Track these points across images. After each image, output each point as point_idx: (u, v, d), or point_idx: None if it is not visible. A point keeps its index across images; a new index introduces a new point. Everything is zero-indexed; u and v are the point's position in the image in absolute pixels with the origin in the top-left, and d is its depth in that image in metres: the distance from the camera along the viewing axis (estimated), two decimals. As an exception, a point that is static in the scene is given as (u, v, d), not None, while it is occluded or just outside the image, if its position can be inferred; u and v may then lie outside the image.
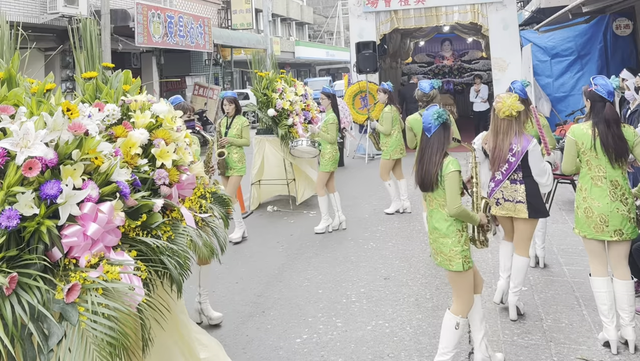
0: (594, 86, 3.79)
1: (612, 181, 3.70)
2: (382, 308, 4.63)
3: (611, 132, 3.66)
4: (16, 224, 2.11)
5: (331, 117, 7.14)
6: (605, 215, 3.68)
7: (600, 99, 3.76)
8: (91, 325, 2.12)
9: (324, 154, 7.12)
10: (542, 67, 12.43)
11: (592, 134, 3.73)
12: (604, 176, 3.71)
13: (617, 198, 3.68)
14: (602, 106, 3.74)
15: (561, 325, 4.11)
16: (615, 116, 3.73)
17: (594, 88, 3.79)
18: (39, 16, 12.06)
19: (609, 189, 3.69)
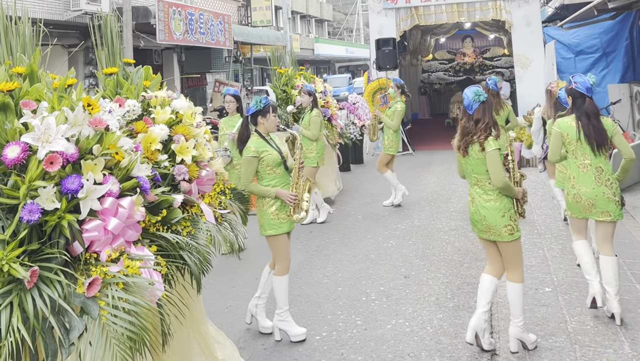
0: (574, 83, 4.16)
1: (596, 167, 4.06)
2: (402, 306, 4.58)
3: (592, 124, 4.04)
4: (38, 218, 2.12)
5: (315, 112, 7.13)
6: (592, 199, 4.05)
7: (580, 95, 4.12)
8: (112, 319, 2.13)
9: (310, 151, 7.11)
10: (566, 65, 12.20)
11: (577, 127, 4.09)
12: (589, 164, 4.07)
13: (602, 183, 4.04)
14: (582, 101, 4.11)
15: (586, 327, 4.02)
16: (595, 109, 4.09)
17: (574, 86, 4.15)
18: (62, 13, 12.20)
19: (594, 175, 4.06)
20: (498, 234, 3.66)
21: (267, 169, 4.08)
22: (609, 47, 11.92)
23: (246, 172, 4.05)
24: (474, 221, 3.81)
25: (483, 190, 3.70)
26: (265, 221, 4.09)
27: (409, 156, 12.53)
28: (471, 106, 3.70)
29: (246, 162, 4.05)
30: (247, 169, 4.05)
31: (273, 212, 4.07)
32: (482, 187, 3.70)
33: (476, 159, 3.66)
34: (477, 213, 3.73)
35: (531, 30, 12.29)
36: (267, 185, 4.08)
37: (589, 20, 12.26)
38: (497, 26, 15.47)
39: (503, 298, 4.56)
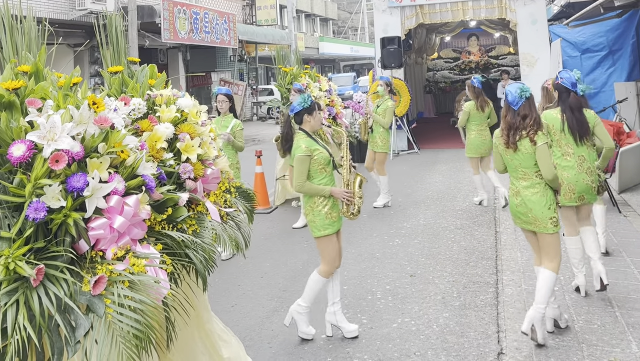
0: (560, 79, 4.44)
1: (579, 156, 4.41)
2: (408, 305, 4.57)
3: (575, 117, 4.35)
4: (43, 216, 2.11)
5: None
6: (573, 184, 4.41)
7: (565, 89, 4.40)
8: (117, 317, 2.12)
9: None
10: (572, 63, 12.13)
11: (561, 119, 4.39)
12: (572, 153, 4.42)
13: (582, 170, 4.41)
14: (567, 95, 4.38)
15: (593, 326, 4.00)
16: (578, 103, 4.38)
17: (560, 81, 4.43)
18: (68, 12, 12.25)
19: (576, 163, 4.42)
20: (544, 226, 3.79)
21: (319, 167, 4.01)
22: (615, 45, 11.85)
23: (300, 172, 3.94)
24: (517, 213, 3.91)
25: (530, 183, 3.82)
26: (319, 221, 4.00)
27: (415, 154, 12.50)
28: (516, 102, 3.80)
29: (299, 161, 3.95)
30: (301, 168, 3.94)
31: (327, 212, 4.00)
32: (529, 180, 3.82)
33: (526, 154, 3.78)
34: (522, 206, 3.84)
35: (537, 28, 12.23)
36: (318, 184, 4.01)
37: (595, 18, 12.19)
38: (503, 24, 15.41)
39: (509, 296, 4.55)
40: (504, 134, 3.87)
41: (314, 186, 3.97)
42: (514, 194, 3.92)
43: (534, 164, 3.77)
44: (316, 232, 4.03)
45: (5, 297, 2.04)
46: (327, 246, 4.04)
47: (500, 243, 5.94)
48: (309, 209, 4.04)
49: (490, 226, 6.64)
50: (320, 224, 4.00)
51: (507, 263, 5.30)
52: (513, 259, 5.40)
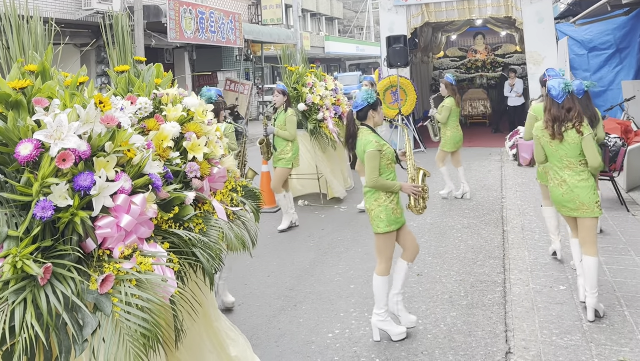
0: (547, 76, 4.92)
1: None
2: (415, 304, 4.55)
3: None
4: (50, 215, 2.12)
5: (290, 111, 6.96)
6: None
7: None
8: (125, 315, 2.13)
9: (286, 152, 6.95)
10: (579, 61, 12.08)
11: None
12: None
13: None
14: None
15: (602, 325, 3.97)
16: None
17: (548, 79, 4.80)
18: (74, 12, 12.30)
19: None
20: (591, 210, 4.05)
21: (387, 163, 3.98)
22: (623, 43, 11.77)
23: (373, 167, 3.89)
24: (563, 201, 4.13)
25: (575, 172, 4.07)
26: (386, 217, 3.95)
27: (421, 153, 12.46)
28: (561, 95, 4.04)
29: (372, 157, 3.90)
30: (374, 164, 3.90)
31: (394, 208, 3.98)
32: (574, 169, 4.07)
33: (572, 144, 4.02)
34: (569, 193, 4.08)
35: (543, 26, 12.16)
36: (386, 180, 3.97)
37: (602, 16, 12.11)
38: (509, 23, 15.33)
39: (517, 296, 4.52)
40: (549, 126, 4.09)
41: (387, 182, 3.94)
42: (559, 184, 4.13)
43: (579, 153, 4.02)
44: (382, 228, 3.95)
45: (13, 295, 2.04)
46: (387, 243, 4.01)
47: (507, 241, 5.91)
48: (374, 205, 3.98)
49: (498, 225, 6.61)
50: (387, 220, 3.94)
51: (515, 261, 5.27)
52: (520, 258, 5.37)
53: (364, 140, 3.99)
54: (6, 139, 2.22)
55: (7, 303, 2.04)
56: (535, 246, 5.63)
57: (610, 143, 6.97)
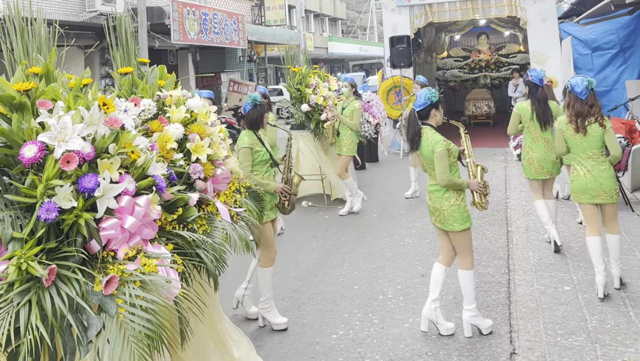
0: (530, 76, 5.54)
1: (544, 139, 5.45)
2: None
3: (541, 108, 5.43)
4: (55, 216, 2.13)
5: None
6: (542, 162, 5.44)
7: (534, 85, 5.50)
8: (129, 317, 2.13)
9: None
10: (583, 61, 12.03)
11: (531, 109, 5.47)
12: (539, 136, 5.47)
13: (548, 150, 5.40)
14: (536, 90, 5.48)
15: (607, 326, 3.95)
16: (545, 96, 5.50)
17: (530, 78, 5.53)
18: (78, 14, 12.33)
19: (543, 144, 5.46)
20: (611, 196, 4.42)
21: (454, 161, 4.01)
22: (627, 42, 11.72)
23: (444, 166, 3.92)
24: (587, 190, 4.44)
25: (597, 162, 4.43)
26: (459, 215, 3.98)
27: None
28: (584, 92, 4.39)
29: (442, 156, 3.92)
30: (444, 163, 3.92)
31: (464, 205, 4.02)
32: (597, 159, 4.43)
33: (595, 137, 4.39)
34: (593, 182, 4.42)
35: (547, 26, 12.13)
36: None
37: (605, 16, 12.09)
38: (513, 22, 15.30)
39: (522, 296, 4.51)
40: (573, 121, 4.44)
41: (457, 180, 3.96)
42: (584, 174, 4.46)
43: (601, 145, 4.40)
44: (458, 226, 3.97)
45: (18, 297, 2.05)
46: (467, 238, 4.05)
47: (512, 242, 5.89)
48: (445, 205, 3.99)
49: (502, 226, 6.59)
50: (461, 218, 3.98)
51: (519, 262, 5.26)
52: (525, 258, 5.35)
53: (431, 140, 3.99)
54: (10, 142, 2.23)
55: (12, 304, 2.04)
56: (540, 247, 5.62)
57: (615, 143, 6.95)
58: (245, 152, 4.32)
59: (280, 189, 4.41)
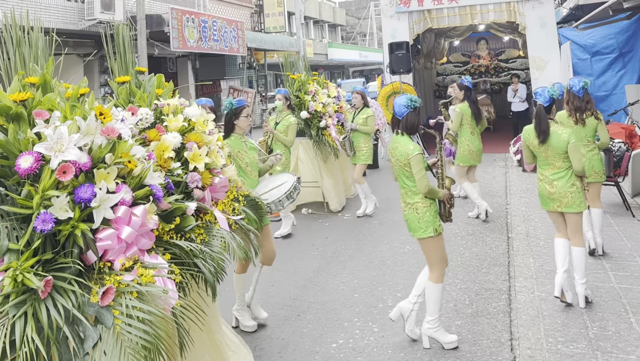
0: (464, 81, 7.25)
1: (478, 133, 7.06)
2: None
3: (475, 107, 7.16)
4: (51, 227, 2.12)
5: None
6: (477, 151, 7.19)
7: (467, 88, 7.15)
8: (126, 328, 2.12)
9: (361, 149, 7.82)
10: (582, 66, 12.03)
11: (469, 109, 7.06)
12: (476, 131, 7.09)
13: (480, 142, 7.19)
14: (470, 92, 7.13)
15: (608, 333, 3.93)
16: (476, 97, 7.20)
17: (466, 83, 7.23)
18: (77, 23, 12.35)
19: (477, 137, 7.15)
20: (600, 176, 5.26)
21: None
22: (626, 47, 11.73)
23: (580, 157, 4.40)
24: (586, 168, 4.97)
25: (590, 148, 5.18)
26: (580, 198, 4.42)
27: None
28: (580, 91, 4.96)
29: (577, 147, 4.41)
30: (579, 154, 4.48)
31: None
32: (589, 146, 5.17)
33: (590, 127, 5.07)
34: (587, 164, 5.05)
35: (546, 31, 12.14)
36: None
37: (604, 21, 12.10)
38: (512, 28, 15.33)
39: (522, 303, 4.49)
40: (573, 114, 5.07)
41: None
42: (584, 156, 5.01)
43: (594, 134, 5.12)
44: (580, 207, 4.42)
45: (14, 309, 2.04)
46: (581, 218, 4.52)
47: (512, 249, 5.87)
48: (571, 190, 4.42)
49: (502, 232, 6.57)
50: (581, 200, 4.45)
51: (520, 269, 5.23)
52: (526, 265, 5.33)
53: (566, 131, 4.37)
54: (7, 152, 2.22)
55: (7, 316, 2.03)
56: (541, 253, 5.59)
57: (615, 148, 6.94)
58: None
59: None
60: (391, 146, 4.00)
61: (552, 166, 4.42)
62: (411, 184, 3.90)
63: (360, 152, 7.86)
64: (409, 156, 3.81)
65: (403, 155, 3.85)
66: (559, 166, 4.38)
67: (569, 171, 4.37)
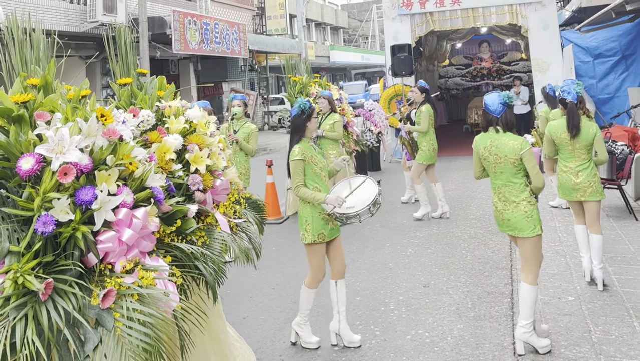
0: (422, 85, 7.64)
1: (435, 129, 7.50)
2: (422, 317, 4.50)
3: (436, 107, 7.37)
4: (52, 229, 2.11)
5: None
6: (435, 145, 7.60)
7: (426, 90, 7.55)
8: (126, 331, 2.11)
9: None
10: (585, 68, 12.02)
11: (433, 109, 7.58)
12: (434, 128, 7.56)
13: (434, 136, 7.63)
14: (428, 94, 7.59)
15: (611, 337, 3.91)
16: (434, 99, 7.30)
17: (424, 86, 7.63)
18: (80, 25, 12.37)
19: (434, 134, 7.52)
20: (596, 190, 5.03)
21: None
22: (629, 49, 11.72)
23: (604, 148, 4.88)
24: None
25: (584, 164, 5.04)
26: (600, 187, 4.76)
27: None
28: (576, 97, 4.91)
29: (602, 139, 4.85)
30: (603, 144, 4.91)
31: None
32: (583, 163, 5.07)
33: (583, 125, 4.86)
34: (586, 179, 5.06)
35: (548, 33, 12.13)
36: None
37: (607, 23, 12.08)
38: (514, 30, 15.32)
39: (525, 306, 4.46)
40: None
41: None
42: None
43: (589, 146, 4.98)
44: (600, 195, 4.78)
45: (14, 312, 2.03)
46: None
47: (515, 252, 5.84)
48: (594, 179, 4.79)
49: (505, 235, 6.54)
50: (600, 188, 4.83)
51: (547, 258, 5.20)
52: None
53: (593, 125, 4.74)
54: (8, 154, 2.21)
55: (7, 319, 2.02)
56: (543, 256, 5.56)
57: (618, 151, 6.91)
58: None
59: None
60: (488, 144, 3.90)
61: (578, 159, 4.76)
62: (518, 181, 3.84)
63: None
64: (521, 151, 3.77)
65: (513, 151, 3.79)
66: (584, 158, 4.76)
67: (591, 163, 4.77)
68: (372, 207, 4.04)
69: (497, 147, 3.85)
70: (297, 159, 3.99)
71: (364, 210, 3.99)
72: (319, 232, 4.03)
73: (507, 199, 3.86)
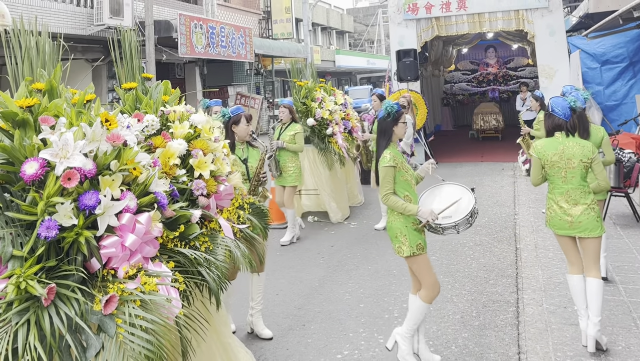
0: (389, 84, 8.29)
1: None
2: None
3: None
4: (55, 234, 2.10)
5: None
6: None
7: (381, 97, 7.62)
8: (129, 337, 2.10)
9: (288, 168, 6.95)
10: (592, 75, 11.97)
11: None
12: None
13: None
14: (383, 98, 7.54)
15: (617, 347, 3.86)
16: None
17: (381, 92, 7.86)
18: (86, 28, 12.42)
19: None
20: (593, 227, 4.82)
21: None
22: (636, 56, 11.66)
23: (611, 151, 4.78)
24: None
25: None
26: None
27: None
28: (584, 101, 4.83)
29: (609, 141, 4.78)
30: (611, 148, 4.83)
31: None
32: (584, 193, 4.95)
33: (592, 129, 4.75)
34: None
35: (555, 40, 12.09)
36: None
37: (614, 29, 12.04)
38: (521, 36, 15.28)
39: (531, 316, 4.43)
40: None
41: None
42: None
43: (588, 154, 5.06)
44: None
45: (17, 317, 2.02)
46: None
47: (520, 260, 5.81)
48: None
49: (511, 243, 6.51)
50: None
51: (528, 281, 5.17)
52: (534, 277, 5.26)
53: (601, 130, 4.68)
54: (12, 158, 2.21)
55: (10, 324, 2.01)
56: (549, 265, 5.53)
57: (625, 159, 6.86)
58: None
59: None
60: (559, 149, 3.92)
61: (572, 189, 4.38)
62: (586, 183, 3.93)
63: (286, 172, 6.94)
64: (594, 155, 3.88)
65: (588, 154, 3.88)
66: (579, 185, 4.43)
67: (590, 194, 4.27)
68: (471, 218, 3.84)
69: (570, 151, 3.93)
70: (389, 165, 3.71)
71: (463, 221, 3.77)
72: (417, 243, 3.79)
73: (578, 202, 3.92)
